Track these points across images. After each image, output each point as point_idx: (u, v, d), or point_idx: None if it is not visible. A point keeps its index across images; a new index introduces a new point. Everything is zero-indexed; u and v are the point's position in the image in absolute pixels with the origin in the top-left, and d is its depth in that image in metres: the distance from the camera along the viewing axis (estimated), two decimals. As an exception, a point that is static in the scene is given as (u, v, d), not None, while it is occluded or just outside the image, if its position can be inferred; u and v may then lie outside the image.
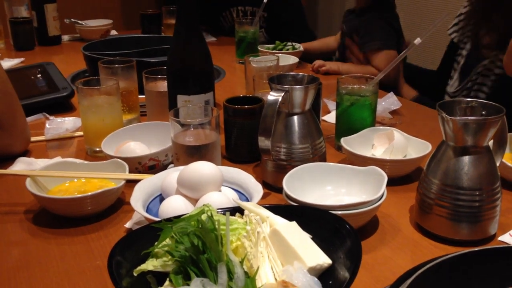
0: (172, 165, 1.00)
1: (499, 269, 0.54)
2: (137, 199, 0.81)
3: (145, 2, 3.00)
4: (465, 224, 0.77)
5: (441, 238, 0.79)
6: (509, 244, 0.77)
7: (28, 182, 0.86)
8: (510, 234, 0.80)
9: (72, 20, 2.24)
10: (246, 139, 1.04)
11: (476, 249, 0.55)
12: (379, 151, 1.01)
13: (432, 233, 0.80)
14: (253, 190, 0.84)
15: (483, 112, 0.77)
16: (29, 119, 1.22)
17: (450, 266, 0.54)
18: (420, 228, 0.82)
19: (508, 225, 0.82)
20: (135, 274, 0.59)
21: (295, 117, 0.92)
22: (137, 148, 1.01)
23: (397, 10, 1.88)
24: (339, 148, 1.09)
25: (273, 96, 0.89)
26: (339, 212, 0.74)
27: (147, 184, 0.86)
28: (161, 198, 0.86)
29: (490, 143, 0.79)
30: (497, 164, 0.79)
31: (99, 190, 0.84)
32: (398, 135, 1.00)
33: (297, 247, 0.61)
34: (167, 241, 0.61)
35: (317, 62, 1.77)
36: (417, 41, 1.00)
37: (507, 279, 0.54)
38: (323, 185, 0.88)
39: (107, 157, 0.98)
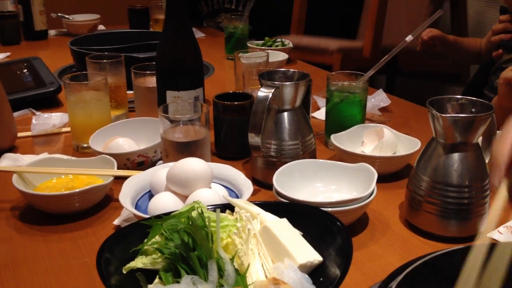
0: (161, 161, 0.99)
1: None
2: (126, 195, 0.80)
3: (132, -4, 2.98)
4: (455, 221, 0.77)
5: (430, 235, 0.79)
6: (498, 240, 0.78)
7: (15, 179, 0.85)
8: (499, 231, 0.80)
9: (59, 14, 2.21)
10: (236, 135, 1.03)
11: (466, 245, 0.55)
12: (368, 148, 1.01)
13: (422, 230, 0.80)
14: (243, 186, 0.84)
15: (473, 110, 0.77)
16: (15, 114, 1.20)
17: (439, 263, 0.54)
18: (409, 225, 0.82)
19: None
20: (124, 272, 0.58)
21: (285, 114, 0.92)
22: (126, 144, 1.00)
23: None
24: (329, 144, 1.09)
25: (263, 92, 0.88)
26: (330, 209, 0.74)
27: (136, 180, 0.85)
28: (150, 195, 0.85)
29: (479, 140, 0.79)
30: (486, 161, 0.79)
31: (87, 187, 0.83)
32: (387, 132, 1.00)
33: (287, 244, 0.61)
34: (157, 238, 0.60)
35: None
36: (409, 38, 1.00)
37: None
38: (313, 182, 0.88)
39: (95, 153, 0.97)
